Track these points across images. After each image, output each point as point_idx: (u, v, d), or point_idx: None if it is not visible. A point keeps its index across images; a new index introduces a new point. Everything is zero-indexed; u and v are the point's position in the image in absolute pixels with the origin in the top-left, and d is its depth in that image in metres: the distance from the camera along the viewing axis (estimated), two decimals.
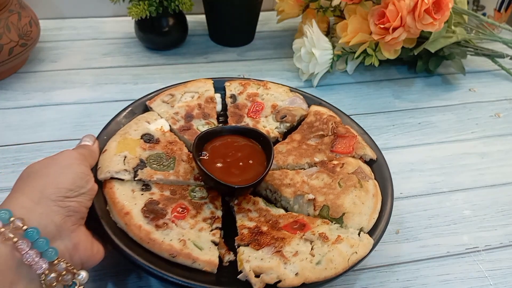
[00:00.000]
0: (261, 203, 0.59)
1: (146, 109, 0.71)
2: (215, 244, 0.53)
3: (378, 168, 0.65)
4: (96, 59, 0.97)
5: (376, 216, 0.58)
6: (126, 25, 1.06)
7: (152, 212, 0.53)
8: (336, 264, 0.50)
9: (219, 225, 0.56)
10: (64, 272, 0.43)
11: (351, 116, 0.77)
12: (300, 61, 0.93)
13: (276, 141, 0.70)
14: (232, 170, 0.58)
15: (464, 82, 0.99)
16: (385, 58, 0.89)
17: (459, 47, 0.97)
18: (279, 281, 0.48)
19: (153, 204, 0.55)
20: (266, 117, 0.72)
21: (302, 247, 0.51)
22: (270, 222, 0.56)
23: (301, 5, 0.98)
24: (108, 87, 0.90)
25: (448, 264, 0.63)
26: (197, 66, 0.98)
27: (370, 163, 0.66)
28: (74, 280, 0.44)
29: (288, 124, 0.72)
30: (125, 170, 0.57)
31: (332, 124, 0.69)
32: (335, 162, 0.63)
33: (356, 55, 0.90)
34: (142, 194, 0.56)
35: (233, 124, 0.69)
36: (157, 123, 0.67)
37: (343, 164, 0.62)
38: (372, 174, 0.64)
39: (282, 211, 0.59)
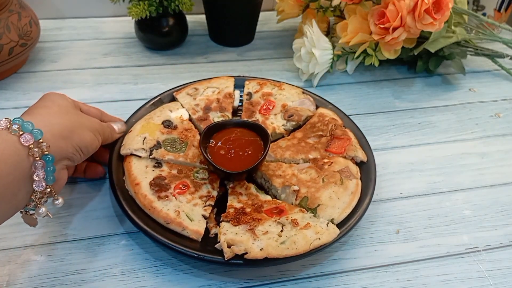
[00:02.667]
0: (253, 189, 0.67)
1: (173, 99, 0.81)
2: (205, 218, 0.62)
3: (366, 169, 0.70)
4: (96, 59, 0.97)
5: (349, 211, 0.63)
6: (126, 25, 1.06)
7: (158, 185, 0.64)
8: (298, 246, 0.57)
9: (212, 203, 0.65)
10: (48, 195, 0.53)
11: (351, 117, 0.79)
12: (300, 61, 0.93)
13: (282, 137, 0.77)
14: (232, 158, 0.67)
15: (464, 82, 0.99)
16: (385, 58, 0.89)
17: (459, 47, 0.97)
18: (246, 253, 0.55)
19: (160, 179, 0.65)
20: (275, 115, 0.79)
21: (273, 228, 0.59)
22: (255, 205, 0.64)
23: (301, 5, 0.98)
24: (108, 87, 0.90)
25: (448, 264, 0.63)
26: (197, 66, 0.98)
27: (361, 164, 0.71)
28: (55, 202, 0.55)
29: (294, 123, 0.78)
30: (143, 149, 0.69)
31: (332, 126, 0.75)
32: (325, 160, 0.70)
33: (356, 55, 0.90)
34: (153, 170, 0.67)
35: (242, 119, 0.78)
36: (178, 112, 0.77)
37: (331, 162, 0.69)
38: (359, 174, 0.69)
39: (269, 198, 0.66)
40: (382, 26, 0.83)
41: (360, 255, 0.64)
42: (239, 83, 0.85)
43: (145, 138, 0.70)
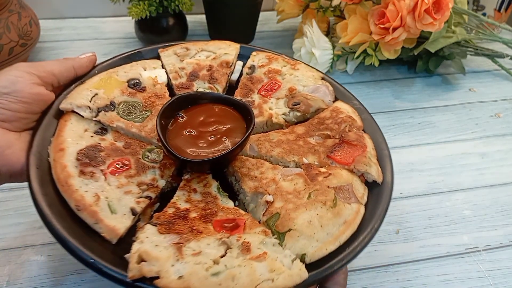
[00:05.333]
0: (213, 188, 0.52)
1: (157, 57, 0.67)
2: (134, 213, 0.47)
3: (377, 194, 0.53)
4: None
5: (333, 248, 0.46)
6: (126, 25, 1.06)
7: (88, 157, 0.50)
8: (237, 284, 0.40)
9: (152, 195, 0.50)
10: None
11: None
12: None
13: (278, 129, 0.62)
14: (198, 142, 0.52)
15: (464, 82, 0.99)
16: (385, 58, 0.89)
17: (459, 47, 0.97)
18: (157, 277, 0.40)
19: (95, 149, 0.51)
20: (278, 99, 0.63)
21: (211, 249, 0.43)
22: (207, 211, 0.49)
23: (301, 5, 0.98)
24: None
25: (448, 264, 0.63)
26: None
27: (372, 185, 0.54)
28: None
29: (298, 114, 0.62)
30: (88, 107, 0.55)
31: (345, 126, 0.59)
32: (322, 169, 0.54)
33: (356, 55, 0.90)
34: (91, 137, 0.53)
35: (223, 94, 0.62)
36: (153, 72, 0.63)
37: (329, 174, 0.53)
38: (365, 199, 0.52)
39: (230, 204, 0.50)
40: (382, 26, 0.83)
41: (360, 255, 0.64)
42: (245, 53, 0.70)
43: (96, 94, 0.56)
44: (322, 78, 0.67)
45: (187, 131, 0.53)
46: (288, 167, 0.55)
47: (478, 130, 0.87)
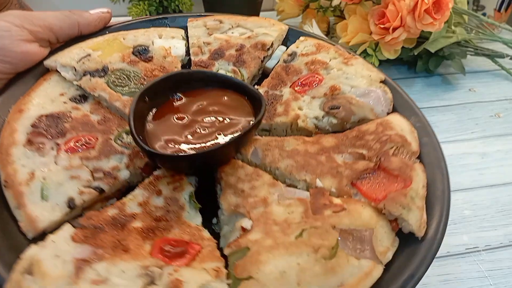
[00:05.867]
0: (184, 194, 0.40)
1: (184, 27, 0.59)
2: (70, 205, 0.38)
3: (412, 253, 0.39)
4: None
5: None
6: None
7: (47, 125, 0.42)
8: None
9: (106, 187, 0.40)
10: None
11: None
12: None
13: (301, 135, 0.48)
14: (186, 132, 0.41)
15: (464, 82, 0.99)
16: (385, 58, 0.89)
17: (459, 47, 0.97)
18: None
19: (60, 119, 0.43)
20: (313, 97, 0.50)
21: (124, 279, 0.31)
22: (159, 222, 0.37)
23: (301, 5, 0.98)
24: None
25: (448, 264, 0.63)
26: None
27: (408, 239, 0.40)
28: None
29: (335, 121, 0.49)
30: (74, 68, 0.47)
31: (390, 148, 0.44)
32: (336, 200, 0.39)
33: None
34: (64, 103, 0.45)
35: (232, 77, 0.49)
36: (169, 42, 0.54)
37: (342, 209, 0.38)
38: (389, 256, 0.38)
39: (195, 221, 0.39)
40: (382, 26, 0.83)
41: None
42: (292, 38, 0.59)
43: (88, 55, 0.47)
44: (382, 81, 0.53)
45: (176, 117, 0.43)
46: (296, 187, 0.41)
47: (478, 130, 0.87)
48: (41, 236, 0.36)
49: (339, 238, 0.35)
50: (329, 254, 0.33)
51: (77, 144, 0.42)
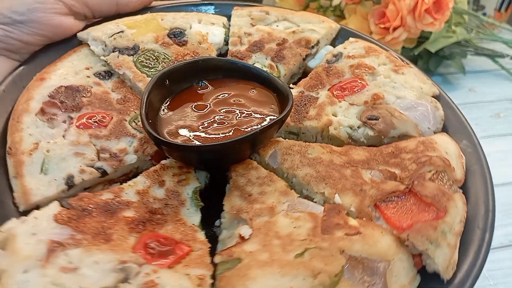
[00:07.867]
0: (187, 189, 0.38)
1: (227, 15, 0.57)
2: (68, 183, 0.36)
3: None
4: None
5: None
6: None
7: (66, 97, 0.41)
8: None
9: (109, 169, 0.39)
10: None
11: None
12: None
13: (331, 143, 0.44)
14: (202, 122, 0.39)
15: (464, 82, 0.99)
16: None
17: (459, 47, 0.97)
18: None
19: (80, 92, 0.42)
20: (351, 104, 0.46)
21: (95, 271, 0.29)
22: (154, 215, 0.35)
23: (301, 5, 0.98)
24: None
25: None
26: None
27: (431, 279, 0.34)
28: None
29: (371, 133, 0.44)
30: (104, 42, 0.46)
31: (427, 171, 0.39)
32: (352, 222, 0.34)
33: None
34: (88, 77, 0.44)
35: (263, 70, 0.45)
36: (207, 28, 0.52)
37: (357, 232, 0.33)
38: None
39: (193, 220, 0.36)
40: (382, 26, 0.83)
41: None
42: (342, 38, 0.55)
43: (121, 32, 0.47)
44: (436, 96, 0.48)
45: (195, 105, 0.40)
46: (312, 199, 0.37)
47: (478, 130, 0.87)
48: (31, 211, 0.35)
49: (346, 266, 0.31)
50: (329, 282, 0.29)
51: (89, 120, 0.41)
